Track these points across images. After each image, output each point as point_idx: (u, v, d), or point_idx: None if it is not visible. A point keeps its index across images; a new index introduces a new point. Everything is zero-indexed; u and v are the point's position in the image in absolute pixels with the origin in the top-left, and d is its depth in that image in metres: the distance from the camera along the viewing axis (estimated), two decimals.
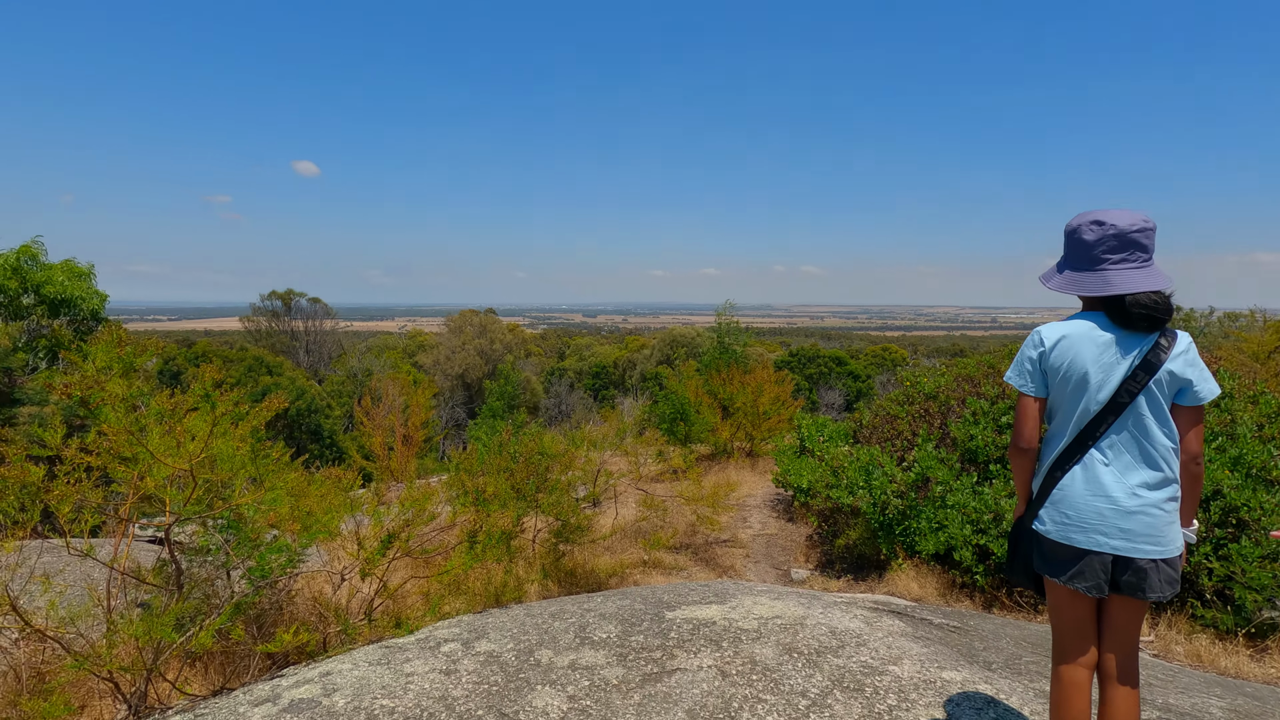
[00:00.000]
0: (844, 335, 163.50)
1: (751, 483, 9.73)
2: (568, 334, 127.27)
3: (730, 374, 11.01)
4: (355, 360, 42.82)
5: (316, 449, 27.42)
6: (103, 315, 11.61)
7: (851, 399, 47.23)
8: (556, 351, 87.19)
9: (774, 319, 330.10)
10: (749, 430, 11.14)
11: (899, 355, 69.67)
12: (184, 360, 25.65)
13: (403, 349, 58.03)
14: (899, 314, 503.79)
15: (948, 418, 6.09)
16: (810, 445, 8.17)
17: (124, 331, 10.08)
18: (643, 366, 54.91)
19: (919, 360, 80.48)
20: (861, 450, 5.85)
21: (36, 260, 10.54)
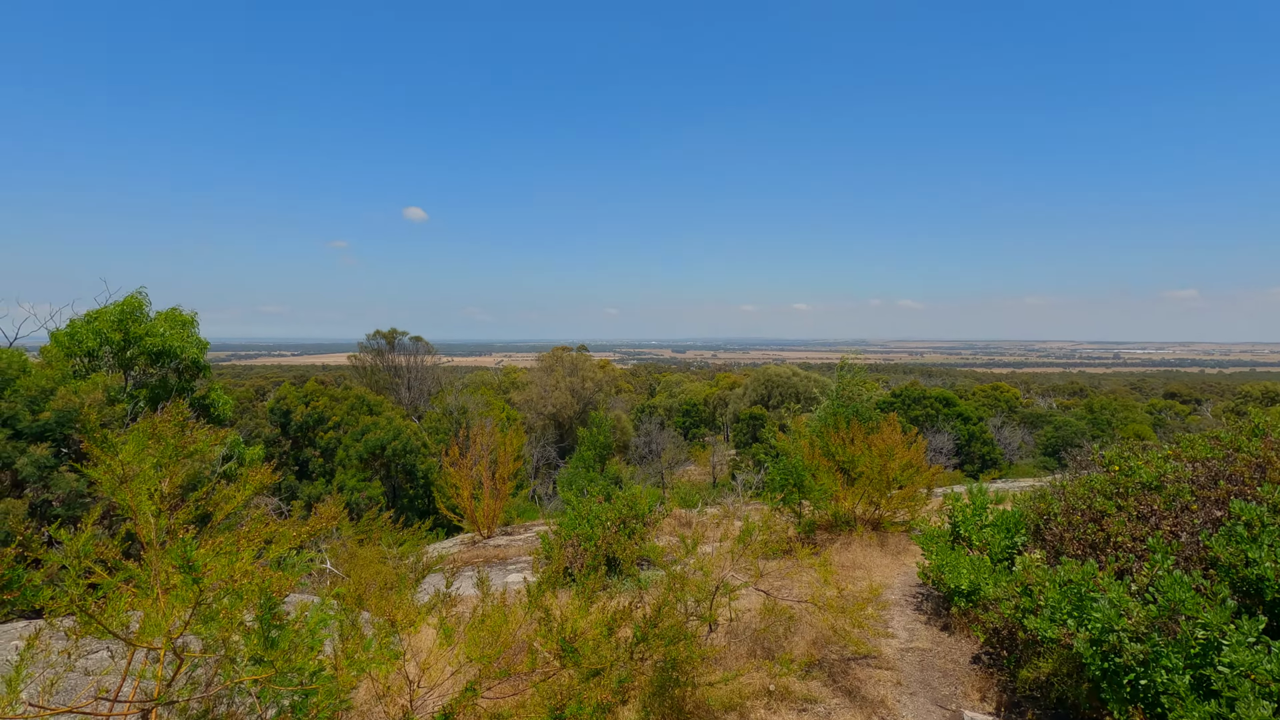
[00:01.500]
0: (946, 372, 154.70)
1: (884, 568, 8.22)
2: (657, 370, 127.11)
3: (852, 433, 9.60)
4: (452, 398, 43.69)
5: (411, 489, 27.62)
6: (204, 363, 11.65)
7: (963, 443, 43.60)
8: (646, 388, 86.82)
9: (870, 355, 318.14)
10: (874, 499, 9.64)
11: (1011, 394, 64.39)
12: (294, 399, 26.54)
13: (497, 385, 59.17)
14: (1006, 349, 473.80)
15: (1180, 519, 4.54)
16: (967, 532, 6.65)
17: (216, 383, 9.68)
18: (735, 406, 53.19)
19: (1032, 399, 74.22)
20: (1069, 567, 4.38)
21: (140, 311, 10.66)
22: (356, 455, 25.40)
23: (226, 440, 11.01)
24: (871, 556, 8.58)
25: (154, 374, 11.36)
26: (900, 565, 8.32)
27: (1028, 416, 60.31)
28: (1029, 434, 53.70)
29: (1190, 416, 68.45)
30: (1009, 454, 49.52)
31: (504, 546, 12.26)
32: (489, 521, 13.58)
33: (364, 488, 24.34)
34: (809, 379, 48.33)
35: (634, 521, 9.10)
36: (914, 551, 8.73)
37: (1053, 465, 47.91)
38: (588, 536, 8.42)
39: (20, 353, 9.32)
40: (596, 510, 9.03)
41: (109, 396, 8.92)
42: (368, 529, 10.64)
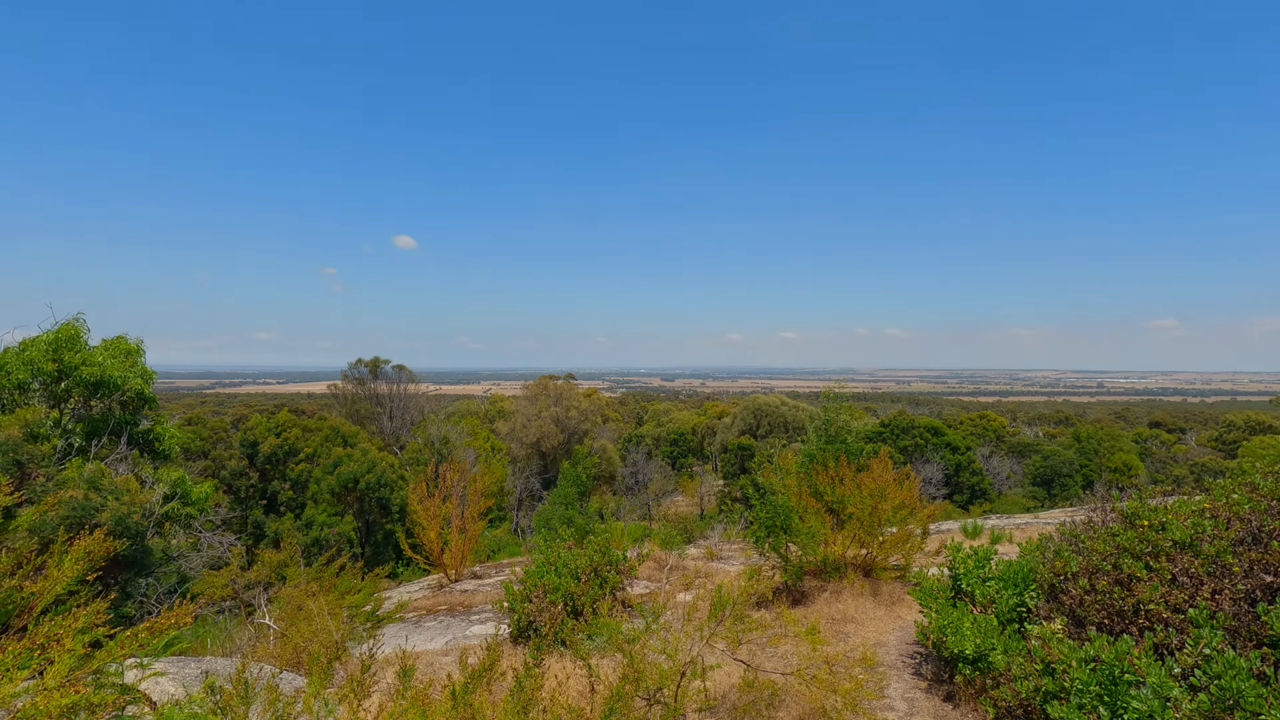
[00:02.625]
0: (933, 401, 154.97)
1: (878, 621, 7.52)
2: (646, 398, 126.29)
3: (841, 470, 8.97)
4: (435, 428, 42.70)
5: (386, 523, 26.57)
6: (149, 395, 10.87)
7: (951, 474, 43.07)
8: (634, 417, 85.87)
9: (858, 384, 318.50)
10: (866, 542, 8.97)
11: (999, 423, 64.10)
12: (263, 430, 25.58)
13: (483, 414, 58.14)
14: (992, 378, 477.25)
15: (1223, 584, 3.92)
16: (969, 586, 5.99)
17: (162, 416, 8.82)
18: (723, 436, 52.45)
19: (1019, 428, 74.03)
20: (1099, 644, 3.73)
21: (77, 339, 9.91)
22: (328, 489, 24.40)
23: (168, 479, 10.19)
24: (864, 607, 7.88)
25: (96, 406, 10.56)
26: (895, 618, 7.62)
27: (1015, 446, 60.02)
28: (1017, 463, 53.34)
29: (1176, 446, 68.48)
30: (998, 484, 49.03)
31: (471, 592, 11.42)
32: (457, 564, 12.74)
33: (334, 523, 23.31)
34: (798, 409, 47.77)
35: (607, 569, 8.36)
36: (909, 602, 8.04)
37: (1042, 495, 47.47)
38: (554, 587, 7.67)
39: None
40: (565, 557, 8.29)
41: (30, 433, 8.13)
42: (319, 574, 9.80)
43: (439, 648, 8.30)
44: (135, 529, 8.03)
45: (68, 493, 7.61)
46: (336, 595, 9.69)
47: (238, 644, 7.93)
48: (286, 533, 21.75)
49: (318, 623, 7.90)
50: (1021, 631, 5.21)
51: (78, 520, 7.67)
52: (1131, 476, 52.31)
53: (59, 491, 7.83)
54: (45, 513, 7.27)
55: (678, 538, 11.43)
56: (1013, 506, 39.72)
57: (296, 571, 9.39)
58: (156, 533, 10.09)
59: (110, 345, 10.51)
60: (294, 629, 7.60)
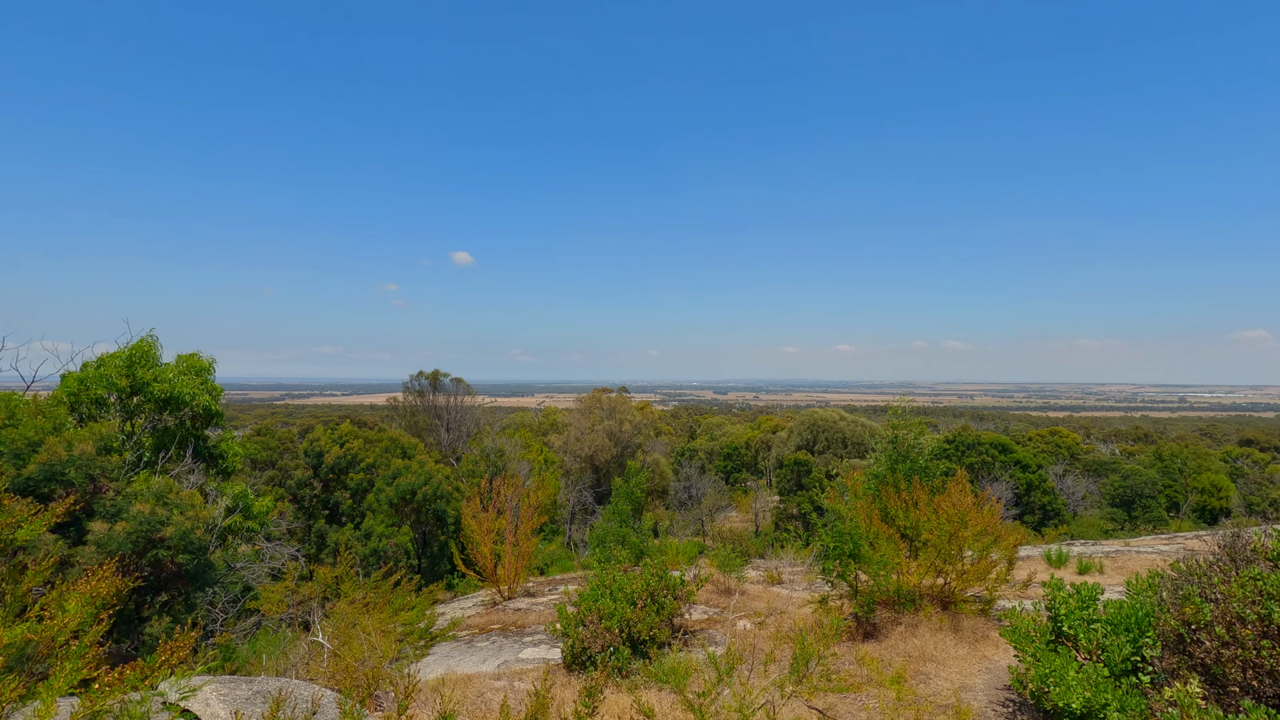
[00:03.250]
0: (999, 415, 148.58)
1: (960, 661, 6.88)
2: (698, 411, 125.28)
3: (914, 493, 8.35)
4: (490, 440, 43.15)
5: (442, 535, 26.79)
6: (216, 410, 11.08)
7: (1021, 493, 40.96)
8: (687, 430, 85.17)
9: (917, 397, 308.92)
10: (941, 568, 8.31)
11: (1071, 440, 60.74)
12: (327, 441, 26.19)
13: (536, 427, 58.60)
14: (1061, 392, 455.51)
15: None
16: (1072, 628, 5.36)
17: (228, 432, 8.95)
18: (779, 450, 51.31)
19: (1094, 445, 70.04)
20: (1258, 715, 3.15)
21: (149, 356, 10.18)
22: (387, 500, 24.75)
23: (231, 493, 10.33)
24: (944, 645, 7.25)
25: (167, 421, 10.84)
26: (980, 658, 6.96)
27: (1091, 464, 56.73)
28: (1093, 483, 50.36)
29: (1270, 466, 63.47)
30: (1072, 504, 46.33)
31: (524, 611, 11.19)
32: (510, 580, 12.55)
33: (392, 534, 23.60)
34: (856, 423, 46.32)
35: (664, 594, 7.97)
36: (995, 640, 7.36)
37: (1121, 517, 44.61)
38: (609, 613, 7.33)
39: (17, 397, 8.83)
40: (621, 580, 7.94)
41: (104, 446, 8.32)
42: (373, 590, 9.72)
43: (490, 670, 8.07)
44: (198, 544, 8.10)
45: (135, 507, 7.71)
46: (390, 612, 9.60)
47: (291, 661, 7.87)
48: (345, 544, 22.13)
49: (370, 641, 7.78)
50: (1139, 686, 4.58)
51: (145, 534, 7.76)
52: (1221, 499, 48.66)
53: (129, 506, 7.96)
54: (114, 529, 7.36)
55: (736, 559, 10.93)
56: (1090, 529, 37.39)
57: (351, 587, 9.34)
58: (219, 545, 10.23)
59: (182, 362, 10.79)
60: (346, 648, 7.49)
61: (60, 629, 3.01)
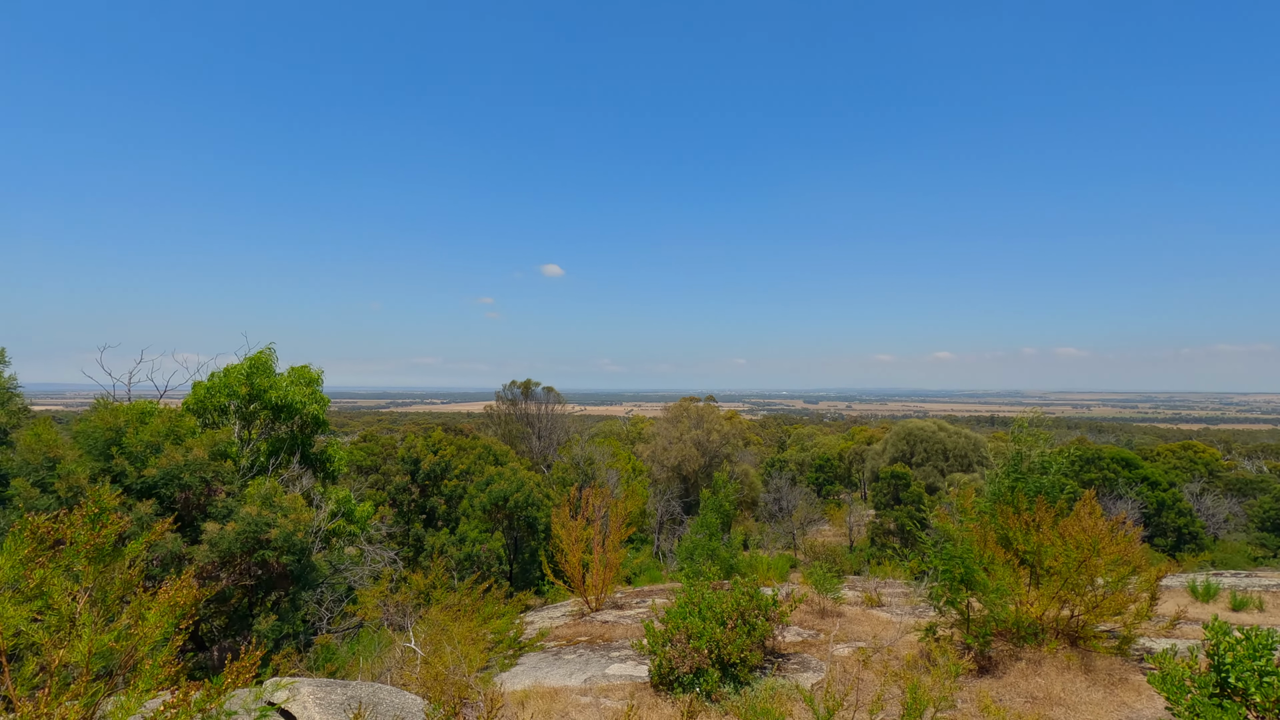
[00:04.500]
0: (1120, 428, 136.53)
1: (1095, 708, 6.10)
2: (788, 421, 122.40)
3: (1037, 515, 7.55)
4: (579, 448, 43.75)
5: (533, 542, 27.25)
6: (324, 419, 11.63)
7: (1151, 513, 37.30)
8: (776, 441, 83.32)
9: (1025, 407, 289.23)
10: (1067, 598, 7.46)
11: (1209, 455, 54.72)
12: (422, 448, 27.25)
13: (625, 436, 58.97)
14: (1195, 402, 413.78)
15: None
16: (1241, 680, 4.60)
17: (334, 440, 9.32)
18: (873, 463, 49.19)
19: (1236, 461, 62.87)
20: None
21: (267, 366, 10.80)
22: (480, 506, 25.44)
23: (335, 497, 10.78)
24: (1073, 687, 6.46)
25: (279, 429, 11.47)
26: (1118, 704, 6.15)
27: (1233, 482, 50.92)
28: (1237, 503, 45.18)
29: None
30: (1212, 527, 41.68)
31: (611, 624, 11.04)
32: (598, 591, 12.46)
33: (485, 539, 24.20)
34: (958, 434, 43.69)
35: (755, 615, 7.58)
36: (1136, 685, 6.50)
37: (1274, 544, 39.74)
38: (698, 633, 7.03)
39: (150, 404, 9.54)
40: (710, 599, 7.62)
41: (218, 451, 8.85)
42: (464, 597, 9.85)
43: (577, 685, 7.93)
44: (300, 546, 8.44)
45: (244, 509, 8.11)
46: (480, 619, 9.69)
47: (387, 665, 8.04)
48: (441, 548, 22.86)
49: (459, 650, 7.84)
50: None
51: (252, 535, 8.15)
52: None
53: (240, 508, 8.40)
54: (225, 529, 7.76)
55: (831, 578, 10.35)
56: (1237, 556, 33.45)
57: (443, 594, 9.49)
58: (323, 547, 10.67)
59: (295, 373, 11.40)
60: (437, 655, 7.57)
61: (142, 639, 3.05)
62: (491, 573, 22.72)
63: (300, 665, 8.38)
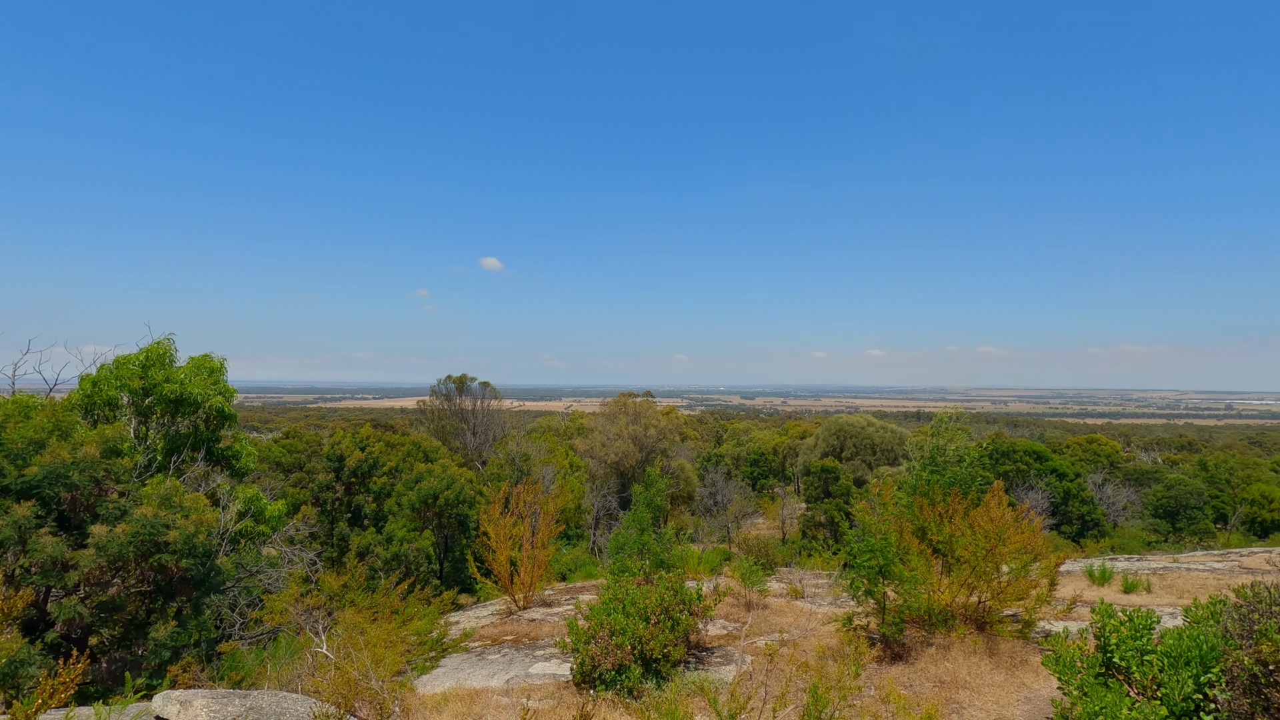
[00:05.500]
0: (1034, 422, 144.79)
1: (997, 689, 6.37)
2: (725, 416, 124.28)
3: (951, 506, 7.83)
4: (514, 444, 43.15)
5: (464, 540, 26.70)
6: (230, 412, 11.00)
7: (1058, 502, 39.63)
8: (713, 435, 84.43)
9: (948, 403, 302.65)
10: (975, 586, 7.78)
11: (1111, 448, 58.70)
12: (348, 445, 26.30)
13: (563, 431, 58.53)
14: (1100, 399, 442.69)
15: None
16: (1124, 660, 4.86)
17: (240, 434, 8.79)
18: (806, 457, 50.46)
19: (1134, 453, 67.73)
20: None
21: (166, 358, 10.12)
22: (409, 504, 24.73)
23: (243, 496, 10.21)
24: (978, 670, 6.74)
25: (181, 423, 10.77)
26: (1018, 685, 6.45)
27: (1132, 473, 54.75)
28: (1134, 493, 48.59)
29: None
30: (1112, 515, 44.69)
31: (538, 622, 10.88)
32: (526, 589, 12.27)
33: (414, 538, 23.54)
34: (885, 429, 45.30)
35: (680, 609, 7.59)
36: (1035, 666, 6.83)
37: (1165, 529, 42.94)
38: (621, 629, 6.97)
39: (34, 399, 8.81)
40: (634, 595, 7.58)
41: (110, 449, 8.22)
42: (383, 599, 9.50)
43: (499, 686, 7.76)
44: (203, 548, 7.94)
45: (138, 510, 7.58)
46: (399, 621, 9.38)
47: (297, 673, 7.66)
48: (367, 548, 22.12)
49: (375, 653, 7.53)
50: None
51: (148, 538, 7.63)
52: (1273, 510, 46.56)
53: (135, 509, 7.84)
54: (115, 532, 7.23)
55: (758, 571, 10.49)
56: (1132, 541, 35.95)
57: (359, 596, 9.12)
58: (230, 549, 10.10)
59: (195, 364, 10.73)
60: (349, 661, 7.25)
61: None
62: (419, 572, 22.13)
63: (203, 676, 7.89)
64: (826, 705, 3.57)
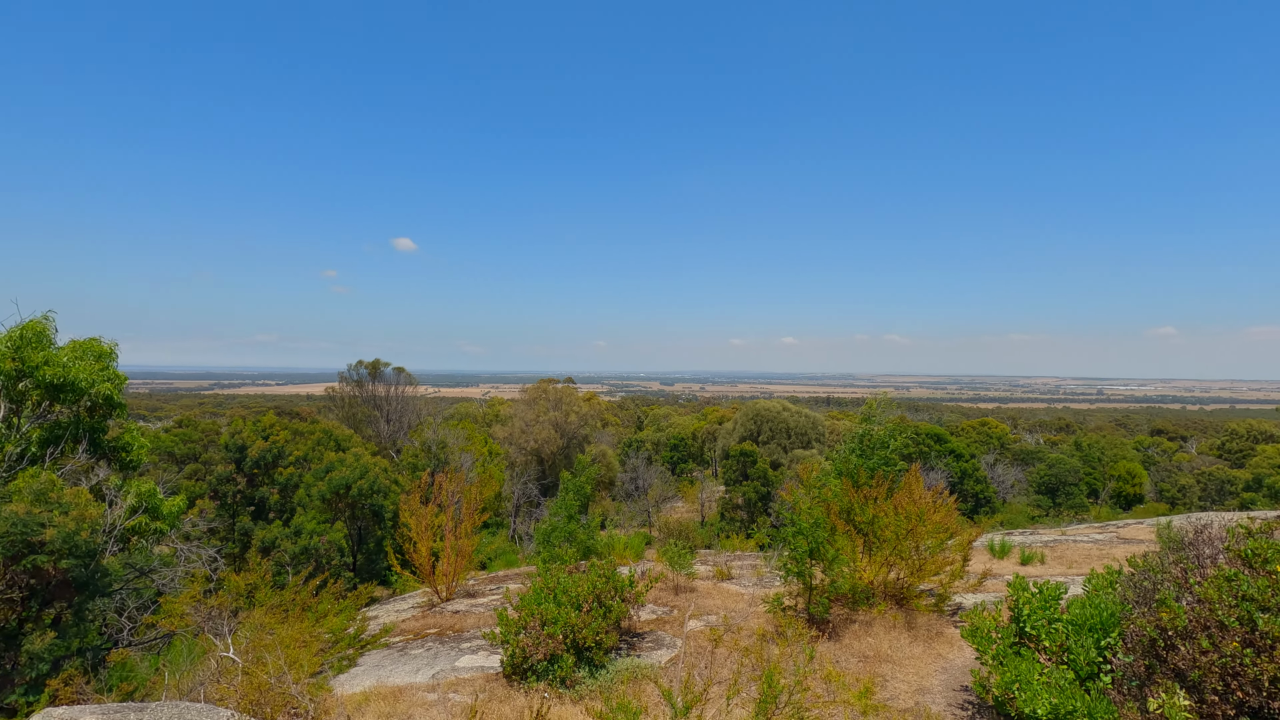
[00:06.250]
0: (933, 406, 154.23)
1: (916, 660, 6.69)
2: (645, 402, 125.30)
3: (875, 489, 8.13)
4: (431, 431, 41.83)
5: (379, 531, 25.72)
6: (119, 400, 10.04)
7: (956, 482, 42.34)
8: (634, 421, 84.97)
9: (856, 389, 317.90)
10: (895, 563, 8.14)
11: (1001, 430, 63.42)
12: (250, 433, 24.74)
13: (481, 418, 57.28)
14: (992, 384, 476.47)
15: None
16: (1036, 629, 5.18)
17: (130, 424, 7.98)
18: (724, 441, 51.60)
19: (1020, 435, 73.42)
20: None
21: (43, 338, 9.09)
22: (319, 495, 23.52)
23: (135, 491, 9.36)
24: (899, 643, 7.06)
25: (60, 411, 9.72)
26: (935, 656, 6.80)
27: (1019, 453, 59.35)
28: (1021, 471, 52.65)
29: (1178, 454, 67.77)
30: (1002, 492, 48.30)
31: (463, 614, 10.58)
32: (449, 581, 11.90)
33: (324, 531, 22.43)
34: (799, 414, 46.94)
35: (611, 596, 7.54)
36: (950, 637, 7.22)
37: (1047, 504, 46.74)
38: (553, 618, 6.84)
39: None
40: (566, 583, 7.46)
41: None
42: (295, 596, 8.95)
43: (424, 681, 7.47)
44: (85, 548, 7.21)
45: (8, 507, 6.78)
46: (313, 619, 8.87)
47: (199, 680, 7.09)
48: (273, 542, 20.93)
49: (288, 654, 7.07)
50: (1107, 692, 4.40)
51: (19, 537, 6.85)
52: (1136, 485, 51.61)
53: (3, 506, 7.01)
54: None
55: (685, 555, 10.60)
56: (1019, 516, 38.91)
57: (268, 594, 8.55)
58: (121, 548, 9.27)
59: (79, 346, 9.69)
60: (259, 664, 6.78)
61: None
62: (332, 566, 21.13)
63: (88, 689, 7.18)
64: (782, 691, 3.59)
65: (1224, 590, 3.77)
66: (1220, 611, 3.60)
